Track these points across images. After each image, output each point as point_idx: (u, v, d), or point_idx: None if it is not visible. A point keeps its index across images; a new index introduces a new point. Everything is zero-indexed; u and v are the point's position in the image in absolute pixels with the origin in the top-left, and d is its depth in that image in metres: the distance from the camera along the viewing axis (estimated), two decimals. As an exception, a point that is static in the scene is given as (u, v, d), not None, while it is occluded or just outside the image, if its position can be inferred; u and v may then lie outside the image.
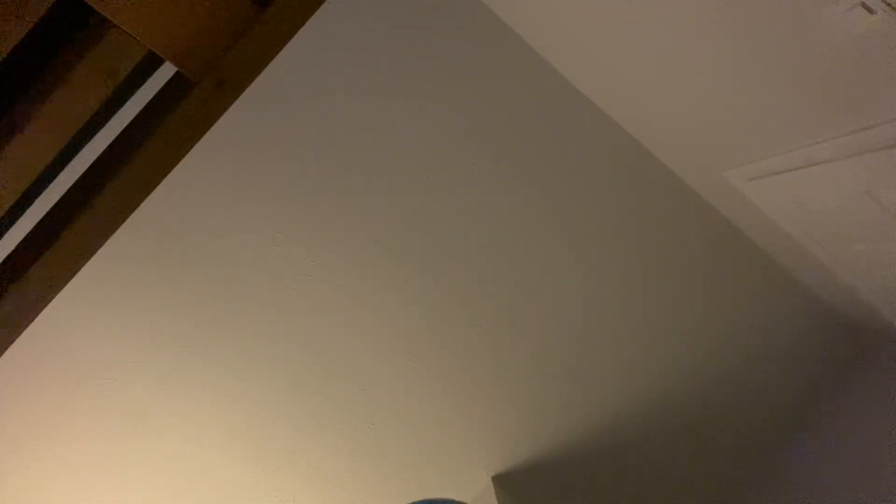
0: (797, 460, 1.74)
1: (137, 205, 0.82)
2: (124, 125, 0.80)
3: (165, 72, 0.78)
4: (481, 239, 1.80)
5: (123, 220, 0.82)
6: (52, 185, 0.87)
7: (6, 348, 0.89)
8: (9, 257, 0.83)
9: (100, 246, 0.83)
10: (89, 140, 0.84)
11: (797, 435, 1.81)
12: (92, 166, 0.81)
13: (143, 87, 0.81)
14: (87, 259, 0.84)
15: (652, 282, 1.84)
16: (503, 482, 1.84)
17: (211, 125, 0.80)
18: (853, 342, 1.83)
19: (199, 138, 0.82)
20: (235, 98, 0.79)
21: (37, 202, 0.88)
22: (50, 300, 0.85)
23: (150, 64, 0.78)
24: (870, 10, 0.87)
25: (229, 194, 1.71)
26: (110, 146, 0.81)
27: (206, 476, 1.82)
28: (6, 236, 0.86)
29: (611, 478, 1.85)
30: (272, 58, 0.77)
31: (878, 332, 1.73)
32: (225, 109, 0.78)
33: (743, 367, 1.86)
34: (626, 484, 1.85)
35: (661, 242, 1.83)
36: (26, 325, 0.88)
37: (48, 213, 0.83)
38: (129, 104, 0.81)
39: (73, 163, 0.85)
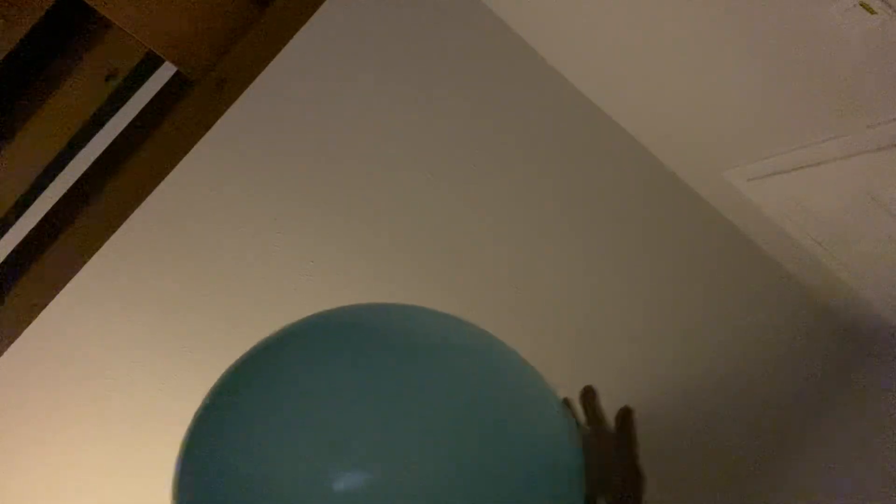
0: (797, 460, 1.74)
1: (138, 204, 0.82)
2: (124, 125, 0.80)
3: (165, 72, 0.78)
4: (482, 237, 1.80)
5: (124, 220, 0.82)
6: (51, 185, 0.87)
7: (4, 349, 0.89)
8: (8, 258, 0.83)
9: (100, 246, 0.83)
10: (89, 140, 0.84)
11: (797, 435, 1.81)
12: (92, 166, 0.81)
13: (143, 87, 0.81)
14: (88, 259, 0.84)
15: (650, 282, 1.84)
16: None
17: (211, 125, 0.80)
18: (853, 342, 1.83)
19: (200, 138, 0.82)
20: (235, 98, 0.79)
21: (37, 202, 0.88)
22: (50, 300, 0.85)
23: (150, 64, 0.78)
24: (870, 10, 0.87)
25: (228, 193, 1.71)
26: (110, 146, 0.81)
27: (205, 477, 1.81)
28: (6, 237, 0.85)
29: (611, 478, 1.85)
30: (272, 58, 0.78)
31: (878, 332, 1.73)
32: (225, 109, 0.78)
33: (742, 367, 1.86)
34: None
35: (661, 242, 1.83)
36: (25, 326, 0.88)
37: (48, 214, 0.83)
38: (128, 104, 0.81)
39: (72, 163, 0.85)
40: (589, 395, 0.50)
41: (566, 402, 0.51)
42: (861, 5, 0.87)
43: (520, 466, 0.40)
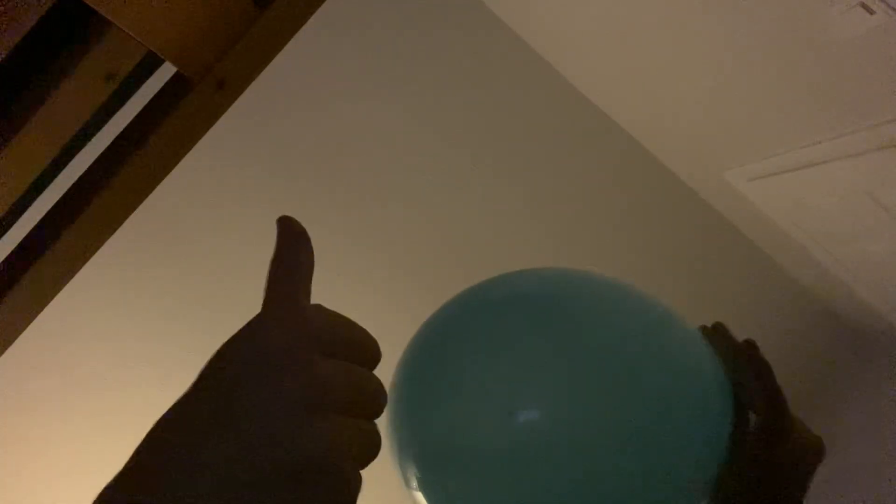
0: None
1: (137, 205, 0.82)
2: (124, 125, 0.80)
3: (165, 72, 0.78)
4: (482, 239, 1.80)
5: (124, 220, 0.82)
6: (51, 187, 0.86)
7: (4, 350, 0.89)
8: (7, 259, 0.83)
9: (99, 247, 0.83)
10: (88, 141, 0.84)
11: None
12: (91, 167, 0.81)
13: (142, 88, 0.80)
14: (87, 260, 0.83)
15: (650, 283, 1.84)
16: None
17: (211, 126, 0.80)
18: (852, 343, 1.83)
19: (199, 139, 0.82)
20: (235, 98, 0.78)
21: (35, 204, 0.87)
22: (49, 300, 0.85)
23: (150, 64, 0.77)
24: (870, 11, 0.87)
25: (228, 193, 1.71)
26: (110, 147, 0.81)
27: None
28: (5, 238, 0.85)
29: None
30: (272, 58, 0.77)
31: (877, 332, 1.73)
32: (225, 110, 0.77)
33: (743, 367, 1.86)
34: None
35: (661, 243, 1.83)
36: (25, 327, 0.87)
37: (47, 215, 0.83)
38: (128, 104, 0.81)
39: (72, 164, 0.85)
40: (721, 328, 0.54)
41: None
42: (861, 5, 0.87)
43: (682, 396, 0.47)
